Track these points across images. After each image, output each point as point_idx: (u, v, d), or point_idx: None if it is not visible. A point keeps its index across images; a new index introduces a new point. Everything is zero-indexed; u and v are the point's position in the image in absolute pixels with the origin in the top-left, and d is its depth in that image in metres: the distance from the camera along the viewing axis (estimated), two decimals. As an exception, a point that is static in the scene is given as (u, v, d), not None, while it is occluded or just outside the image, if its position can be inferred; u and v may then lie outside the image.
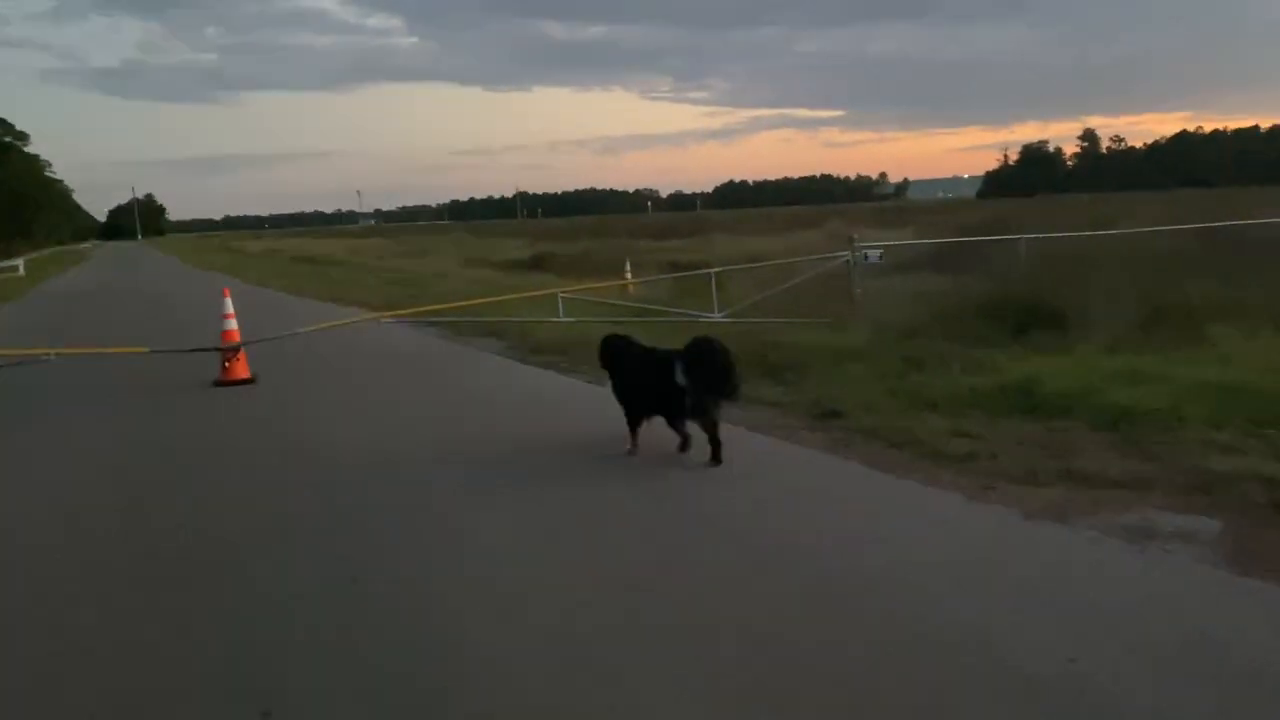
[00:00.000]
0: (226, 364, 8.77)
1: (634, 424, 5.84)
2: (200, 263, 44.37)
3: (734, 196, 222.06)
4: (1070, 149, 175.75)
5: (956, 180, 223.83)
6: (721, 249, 27.65)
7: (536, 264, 28.69)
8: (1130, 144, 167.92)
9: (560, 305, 10.07)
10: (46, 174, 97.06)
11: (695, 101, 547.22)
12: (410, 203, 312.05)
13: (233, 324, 9.06)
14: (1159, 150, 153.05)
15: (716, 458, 5.47)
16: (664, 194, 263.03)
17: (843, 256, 11.17)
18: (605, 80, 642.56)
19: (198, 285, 28.15)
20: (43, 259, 61.34)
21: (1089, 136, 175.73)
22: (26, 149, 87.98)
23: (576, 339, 10.23)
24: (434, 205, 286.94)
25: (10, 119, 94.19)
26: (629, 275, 17.28)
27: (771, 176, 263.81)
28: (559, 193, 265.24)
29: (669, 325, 10.42)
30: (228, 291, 9.44)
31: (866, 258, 11.10)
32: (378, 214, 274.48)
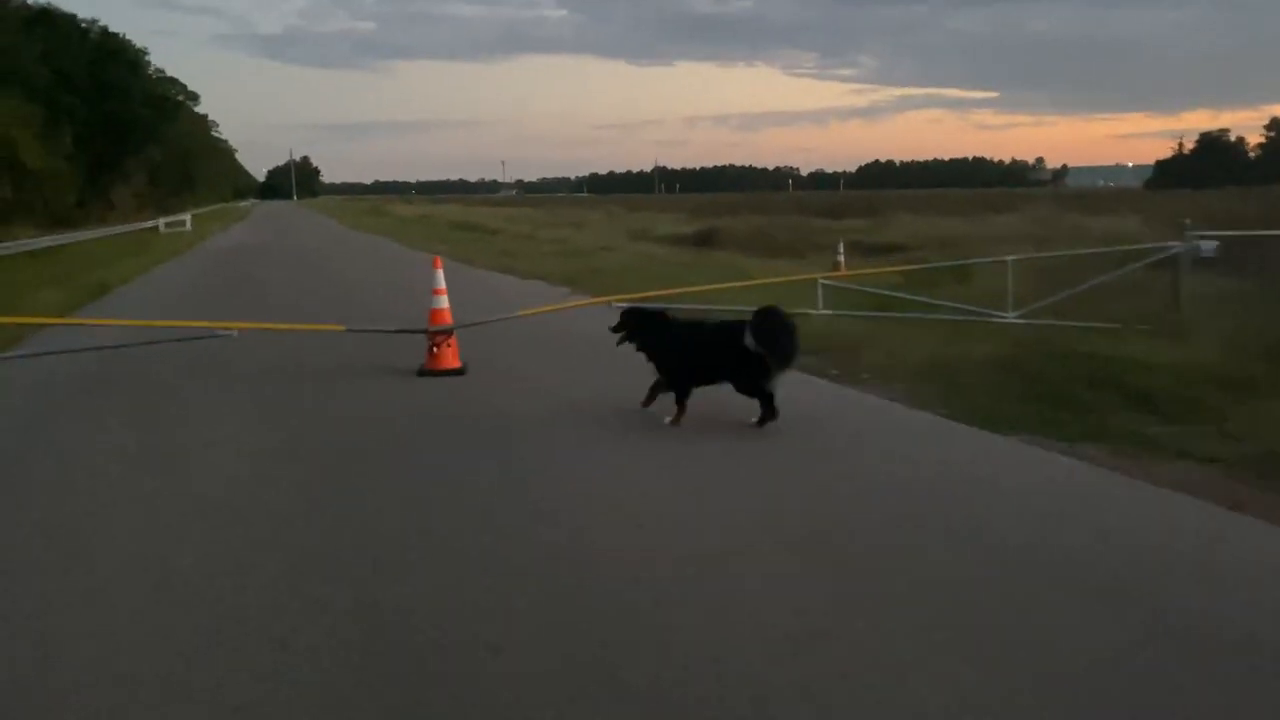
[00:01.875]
0: (434, 349, 7.28)
1: (686, 394, 5.93)
2: (357, 224, 44.43)
3: (879, 177, 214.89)
4: (1254, 138, 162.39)
5: (1119, 169, 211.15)
6: (913, 230, 25.17)
7: (704, 240, 26.88)
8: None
9: (820, 294, 8.18)
10: (213, 134, 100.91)
11: (840, 79, 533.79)
12: (550, 174, 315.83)
13: (444, 302, 7.55)
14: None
15: (773, 414, 5.76)
16: (804, 172, 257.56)
17: (1173, 248, 8.90)
18: (749, 55, 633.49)
19: (360, 248, 27.54)
20: (207, 214, 63.31)
21: (1276, 125, 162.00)
22: (196, 109, 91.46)
23: (834, 336, 8.36)
24: (573, 178, 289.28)
25: (183, 79, 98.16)
26: (841, 260, 15.17)
27: (919, 157, 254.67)
28: (697, 168, 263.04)
29: (950, 324, 8.42)
30: (439, 263, 7.91)
31: (1200, 250, 8.80)
32: (519, 184, 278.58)
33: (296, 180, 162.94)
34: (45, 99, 41.92)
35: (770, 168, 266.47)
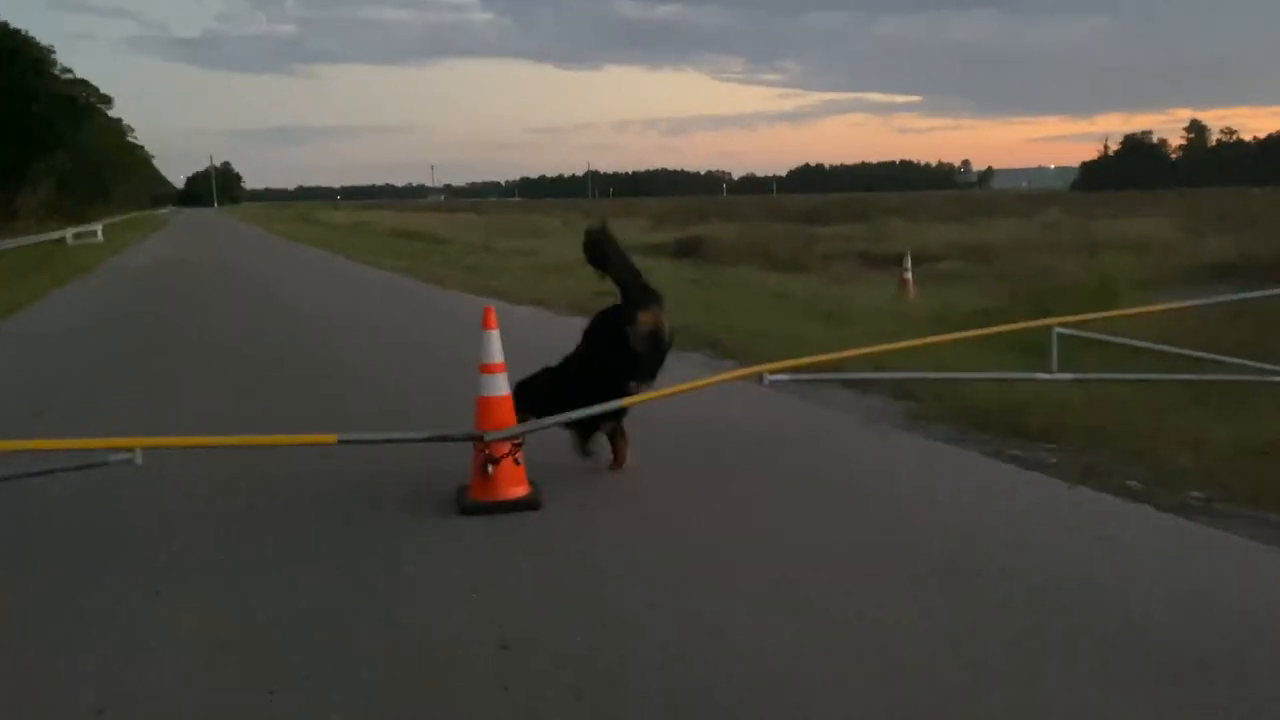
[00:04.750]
0: (489, 467, 4.33)
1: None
2: (287, 233, 40.65)
3: (810, 181, 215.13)
4: (1175, 140, 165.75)
5: (1041, 170, 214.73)
6: (920, 238, 22.72)
7: (688, 250, 24.16)
8: (1241, 137, 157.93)
9: (1055, 348, 5.40)
10: (128, 139, 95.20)
11: (767, 83, 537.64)
12: (479, 179, 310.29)
13: (502, 385, 4.55)
14: (1276, 143, 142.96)
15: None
16: (736, 176, 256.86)
17: None
18: (676, 60, 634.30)
19: (302, 263, 24.15)
20: (121, 224, 58.73)
21: (1196, 128, 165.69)
22: (110, 113, 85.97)
23: (1077, 410, 5.65)
24: (503, 182, 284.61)
25: (95, 83, 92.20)
26: (909, 278, 12.47)
27: (847, 161, 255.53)
28: (629, 172, 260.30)
29: (1234, 389, 5.74)
30: (493, 315, 4.78)
31: None
32: (448, 189, 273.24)
33: (218, 186, 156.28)
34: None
35: (702, 171, 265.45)
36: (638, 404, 4.76)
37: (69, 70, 61.21)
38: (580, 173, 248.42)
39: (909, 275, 12.47)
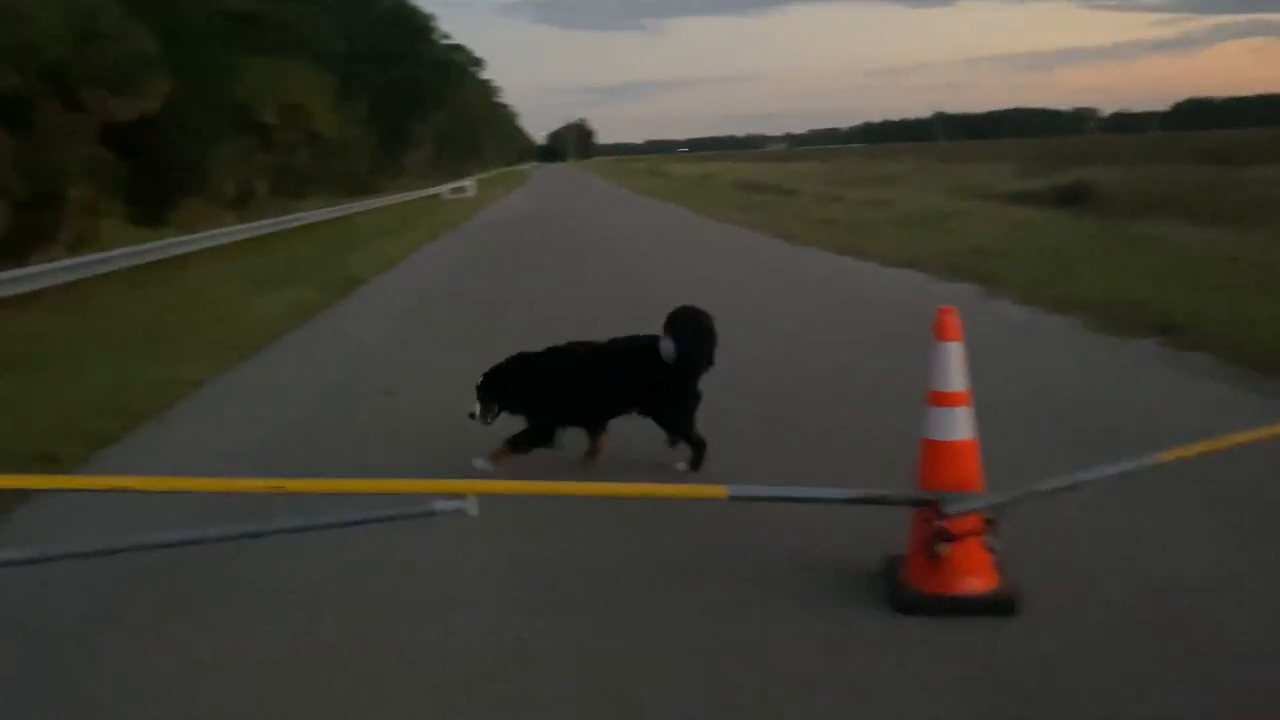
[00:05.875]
0: (941, 545, 2.93)
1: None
2: (636, 187, 41.33)
3: (1197, 116, 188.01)
4: None
5: None
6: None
7: (1071, 198, 20.87)
8: None
9: None
10: (496, 100, 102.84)
11: (1145, 7, 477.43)
12: (819, 126, 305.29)
13: (962, 426, 3.10)
14: None
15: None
16: (1105, 113, 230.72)
17: None
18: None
19: (646, 218, 23.91)
20: (489, 178, 63.38)
21: None
22: (480, 75, 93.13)
23: None
24: (844, 128, 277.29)
25: (470, 47, 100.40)
26: None
27: (1243, 92, 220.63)
28: (981, 113, 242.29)
29: None
30: (953, 321, 3.31)
31: None
32: (788, 138, 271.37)
33: (574, 143, 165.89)
34: (340, 68, 41.86)
35: (1065, 109, 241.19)
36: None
37: (447, 36, 66.55)
38: (926, 115, 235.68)
39: None
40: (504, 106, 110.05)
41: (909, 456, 3.17)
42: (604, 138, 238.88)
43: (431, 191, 40.60)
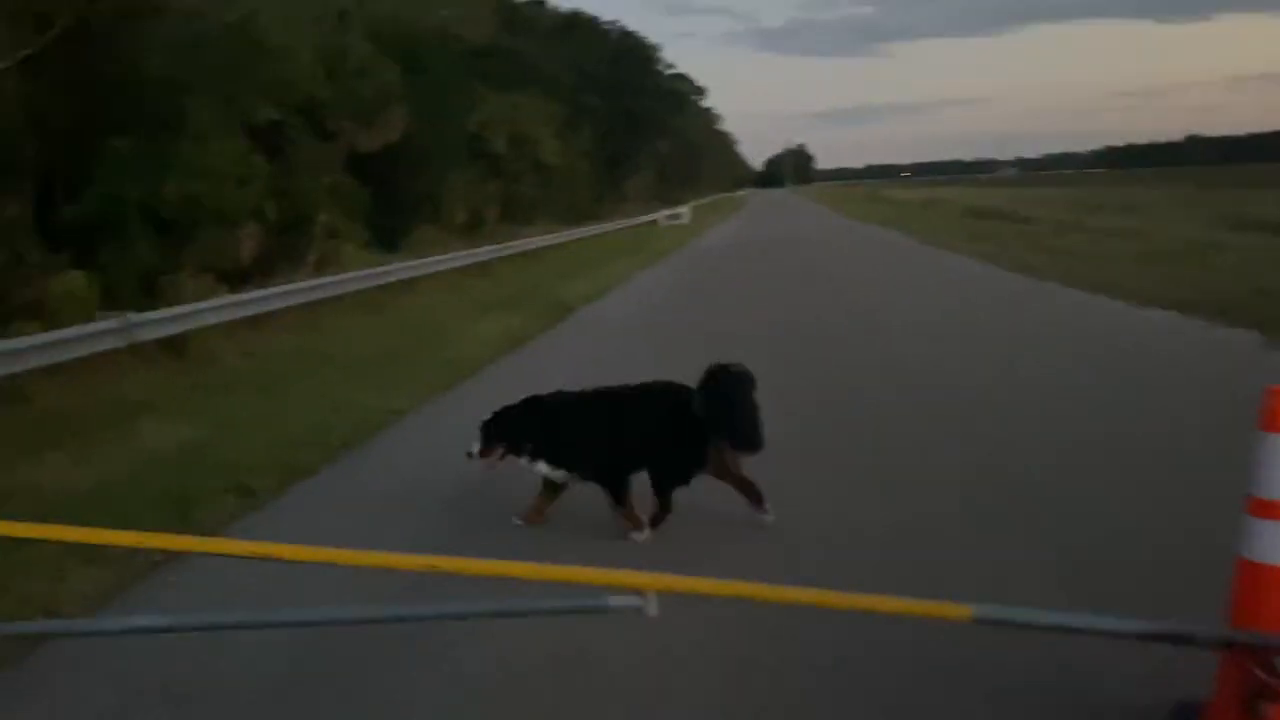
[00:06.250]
0: (1262, 706, 2.21)
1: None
2: (858, 215, 40.03)
3: None
4: None
5: None
6: None
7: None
8: None
9: None
10: (716, 127, 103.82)
11: None
12: (1054, 149, 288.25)
13: None
14: None
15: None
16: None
17: None
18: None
19: (869, 248, 22.90)
20: (705, 204, 63.69)
21: None
22: (702, 103, 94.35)
23: None
24: (1083, 152, 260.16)
25: (691, 75, 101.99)
26: None
27: None
28: (1241, 135, 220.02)
29: None
30: None
31: None
32: (1019, 162, 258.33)
33: (792, 168, 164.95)
34: (568, 98, 43.34)
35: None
36: None
37: (671, 65, 67.79)
38: (1176, 138, 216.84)
39: None
40: (723, 134, 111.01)
41: (1212, 576, 2.43)
42: (823, 162, 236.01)
43: (649, 218, 41.08)
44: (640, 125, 58.19)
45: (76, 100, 12.75)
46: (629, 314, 12.25)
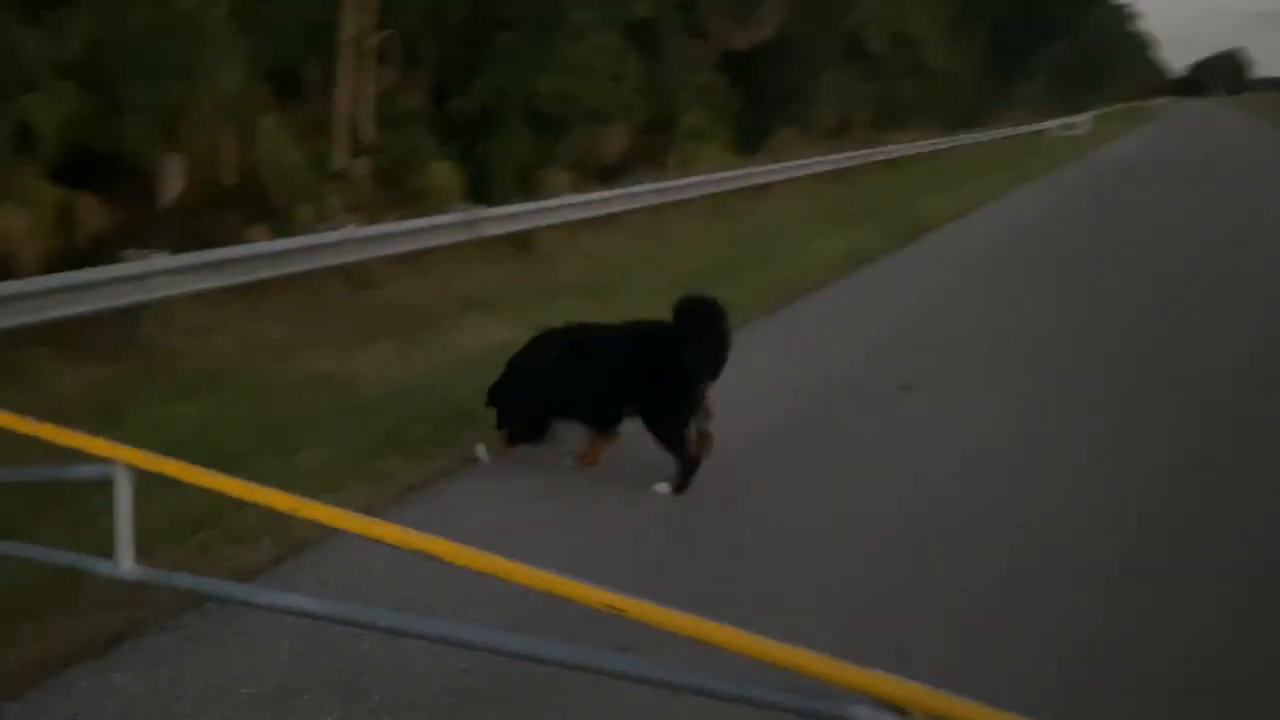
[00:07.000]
0: None
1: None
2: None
3: None
4: None
5: None
6: None
7: None
8: None
9: None
10: (1129, 28, 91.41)
11: None
12: None
13: None
14: None
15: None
16: None
17: None
18: None
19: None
20: (1108, 114, 57.20)
21: None
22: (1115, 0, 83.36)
23: None
24: None
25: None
26: None
27: None
28: None
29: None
30: None
31: None
32: None
33: (1221, 75, 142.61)
34: (960, -6, 39.96)
35: None
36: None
37: (1080, -45, 60.33)
38: None
39: None
40: (1138, 35, 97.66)
41: None
42: (1264, 69, 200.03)
43: (1037, 127, 37.39)
44: (1038, 23, 52.73)
45: (471, -1, 13.53)
46: (994, 242, 11.07)
